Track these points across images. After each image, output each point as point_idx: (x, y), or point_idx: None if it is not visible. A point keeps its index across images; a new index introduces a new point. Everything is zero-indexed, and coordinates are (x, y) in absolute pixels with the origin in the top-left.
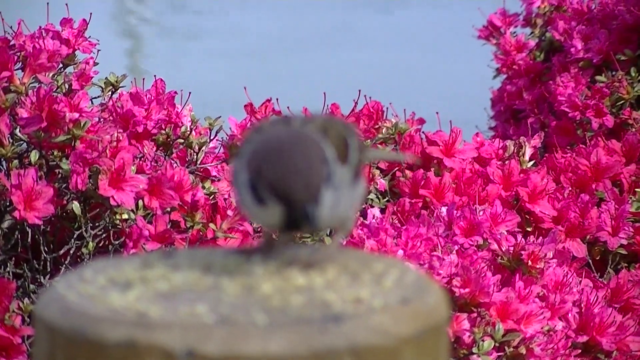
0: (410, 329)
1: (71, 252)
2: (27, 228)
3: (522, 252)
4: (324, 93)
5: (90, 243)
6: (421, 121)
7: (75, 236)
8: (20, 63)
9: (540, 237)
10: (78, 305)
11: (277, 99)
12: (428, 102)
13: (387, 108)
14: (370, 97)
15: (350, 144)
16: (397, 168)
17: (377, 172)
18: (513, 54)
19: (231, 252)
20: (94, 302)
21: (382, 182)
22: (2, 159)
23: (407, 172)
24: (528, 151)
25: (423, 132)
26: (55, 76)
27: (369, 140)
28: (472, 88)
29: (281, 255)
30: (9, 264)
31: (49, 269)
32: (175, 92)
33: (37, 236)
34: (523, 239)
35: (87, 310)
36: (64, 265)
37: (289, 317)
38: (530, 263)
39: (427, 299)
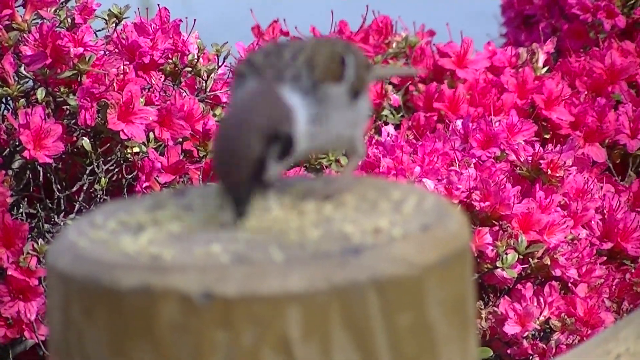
0: (433, 256)
1: (84, 188)
2: (38, 167)
3: (541, 162)
4: (332, 11)
5: (103, 179)
6: (431, 33)
7: (87, 172)
8: (21, 0)
9: (559, 145)
10: (90, 252)
11: (284, 20)
12: (437, 13)
13: (396, 22)
14: (378, 12)
15: (347, 62)
16: (409, 82)
17: (390, 87)
18: None
19: None
20: (106, 248)
21: (396, 98)
22: (8, 99)
23: (420, 85)
24: (541, 57)
25: (434, 45)
26: (58, 11)
27: (379, 56)
28: None
29: (296, 188)
30: (22, 205)
31: (62, 207)
32: (180, 20)
33: (49, 174)
34: (541, 148)
35: (99, 257)
36: (78, 202)
37: (307, 252)
38: (549, 172)
39: (448, 224)
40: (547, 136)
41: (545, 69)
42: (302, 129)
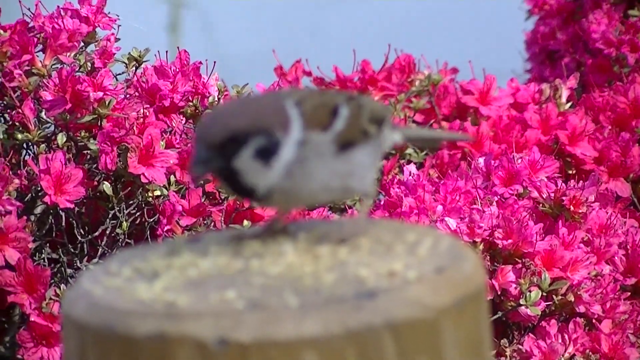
0: (448, 298)
1: (107, 232)
2: (60, 212)
3: (564, 198)
4: (354, 50)
5: (124, 223)
6: (454, 71)
7: (110, 216)
8: (41, 45)
9: (581, 181)
10: (105, 300)
11: (306, 60)
12: (460, 50)
13: (419, 60)
14: (401, 50)
15: (340, 112)
16: (433, 120)
17: (414, 125)
18: None
19: (259, 232)
20: (121, 296)
21: None
22: (29, 144)
23: (444, 123)
24: (564, 93)
25: (457, 82)
26: (77, 55)
27: (403, 94)
28: (505, 32)
29: (311, 232)
30: (44, 250)
31: (85, 252)
32: (200, 63)
33: (71, 219)
34: (564, 184)
35: (114, 305)
36: (101, 247)
37: (321, 297)
38: (572, 208)
39: (462, 265)
40: (571, 172)
41: (569, 104)
42: (290, 148)
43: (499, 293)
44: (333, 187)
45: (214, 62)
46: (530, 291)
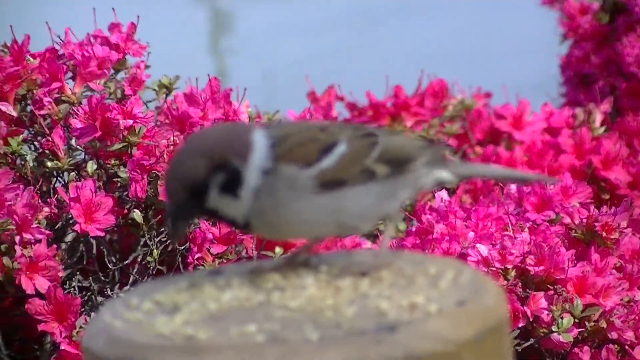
0: (468, 332)
1: (138, 260)
2: (91, 240)
3: (596, 224)
4: (386, 76)
5: (155, 251)
6: (487, 95)
7: (141, 244)
8: (71, 72)
9: (614, 207)
10: (125, 334)
11: (339, 86)
12: (494, 75)
13: (452, 85)
14: (434, 75)
15: (336, 150)
16: (467, 145)
17: (447, 150)
18: (577, 17)
19: (281, 265)
20: (141, 329)
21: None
22: (59, 172)
23: (477, 148)
24: (598, 117)
25: (490, 107)
26: (107, 83)
27: (436, 119)
28: (539, 56)
29: (333, 265)
30: (74, 278)
31: (116, 280)
32: (231, 90)
33: (102, 247)
34: (596, 210)
35: (134, 339)
36: (132, 275)
37: (342, 330)
38: (604, 234)
39: (484, 298)
40: (605, 197)
41: (603, 128)
42: (253, 174)
43: (531, 320)
44: (322, 221)
45: (244, 89)
46: (562, 318)
